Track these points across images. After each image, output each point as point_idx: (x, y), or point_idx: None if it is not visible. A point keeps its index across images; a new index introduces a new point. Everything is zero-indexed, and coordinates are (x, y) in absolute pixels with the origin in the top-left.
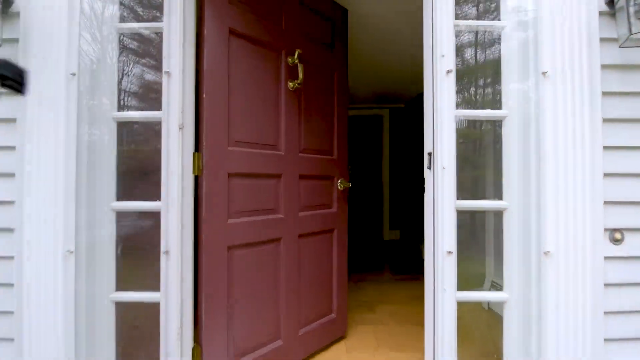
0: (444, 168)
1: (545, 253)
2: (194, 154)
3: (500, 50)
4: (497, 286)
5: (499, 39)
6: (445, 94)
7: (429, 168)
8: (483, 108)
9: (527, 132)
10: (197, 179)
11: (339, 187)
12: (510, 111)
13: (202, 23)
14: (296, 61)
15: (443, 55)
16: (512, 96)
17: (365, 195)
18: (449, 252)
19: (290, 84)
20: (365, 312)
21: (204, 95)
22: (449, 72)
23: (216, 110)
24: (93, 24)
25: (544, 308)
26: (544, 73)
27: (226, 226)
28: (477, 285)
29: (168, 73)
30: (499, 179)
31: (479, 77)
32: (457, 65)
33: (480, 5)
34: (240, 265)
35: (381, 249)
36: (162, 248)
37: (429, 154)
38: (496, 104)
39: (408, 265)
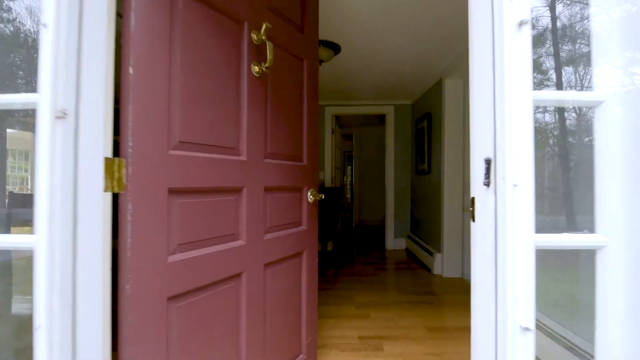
0: (515, 185)
1: None
2: (107, 160)
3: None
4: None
5: None
6: (517, 61)
7: (487, 184)
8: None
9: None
10: (118, 199)
11: (309, 200)
12: (610, 94)
13: None
14: (263, 37)
15: None
16: (611, 70)
17: (366, 201)
18: (526, 329)
19: (256, 68)
20: (370, 352)
21: (130, 71)
22: (522, 24)
23: (150, 95)
24: None
25: None
26: None
27: (165, 267)
28: None
29: (45, 26)
30: (581, 199)
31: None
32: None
33: None
34: (188, 321)
35: (385, 261)
36: (35, 321)
37: (488, 161)
38: (580, 82)
39: (417, 281)
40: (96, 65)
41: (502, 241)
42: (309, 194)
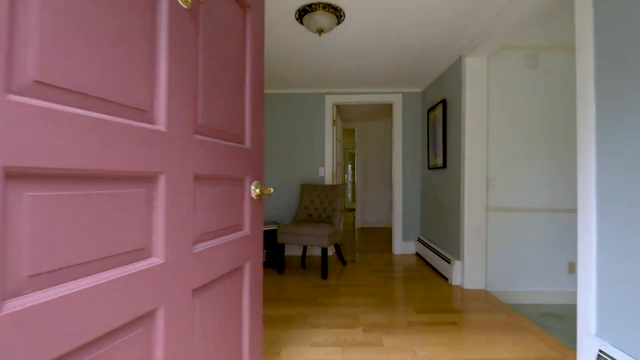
0: None
1: None
2: None
3: None
4: None
5: None
6: None
7: None
8: None
9: None
10: None
11: (253, 195)
12: None
13: None
14: None
15: None
16: None
17: (370, 201)
18: None
19: None
20: None
21: None
22: None
23: None
24: None
25: None
26: None
27: None
28: None
29: None
30: None
31: None
32: None
33: None
34: None
35: (394, 269)
36: None
37: None
38: None
39: (434, 294)
40: None
41: None
42: (252, 186)
